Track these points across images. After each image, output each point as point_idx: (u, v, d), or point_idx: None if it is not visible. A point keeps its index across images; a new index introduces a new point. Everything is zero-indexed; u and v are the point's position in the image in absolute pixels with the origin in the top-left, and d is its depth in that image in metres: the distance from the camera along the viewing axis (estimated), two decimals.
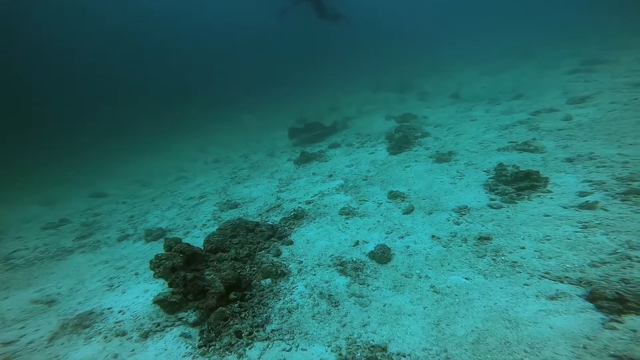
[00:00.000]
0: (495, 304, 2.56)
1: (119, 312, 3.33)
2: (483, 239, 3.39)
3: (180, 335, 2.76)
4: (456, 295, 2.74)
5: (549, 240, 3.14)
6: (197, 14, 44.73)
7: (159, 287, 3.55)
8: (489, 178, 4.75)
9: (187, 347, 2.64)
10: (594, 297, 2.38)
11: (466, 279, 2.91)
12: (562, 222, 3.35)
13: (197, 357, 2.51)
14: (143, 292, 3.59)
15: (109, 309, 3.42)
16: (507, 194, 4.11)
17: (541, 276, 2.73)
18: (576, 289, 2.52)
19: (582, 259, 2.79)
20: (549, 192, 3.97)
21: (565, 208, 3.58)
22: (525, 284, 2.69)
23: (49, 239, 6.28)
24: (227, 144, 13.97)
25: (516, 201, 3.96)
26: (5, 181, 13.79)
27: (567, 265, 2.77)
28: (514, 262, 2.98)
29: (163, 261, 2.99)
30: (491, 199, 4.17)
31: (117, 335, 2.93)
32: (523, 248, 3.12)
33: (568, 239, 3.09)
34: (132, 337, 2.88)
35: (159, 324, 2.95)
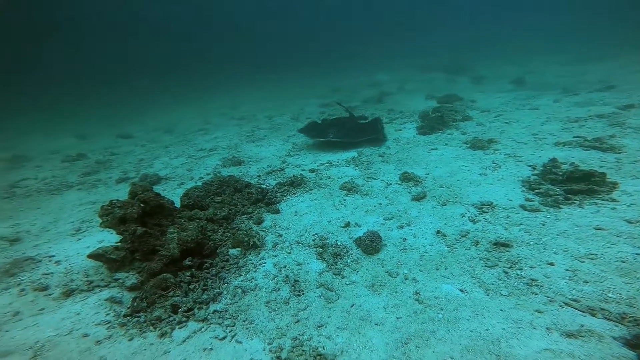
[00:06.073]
0: (487, 330, 1.91)
1: (56, 262, 3.07)
2: (500, 245, 2.65)
3: (107, 299, 2.44)
4: (441, 309, 2.12)
5: (592, 259, 2.35)
6: None
7: (118, 238, 3.27)
8: (533, 174, 3.82)
9: (107, 314, 2.31)
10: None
11: (461, 290, 2.26)
12: (620, 239, 2.49)
13: (114, 327, 2.18)
14: (97, 242, 3.31)
15: (50, 257, 3.18)
16: (552, 196, 3.22)
17: (564, 303, 2.02)
18: (613, 327, 1.80)
19: (636, 290, 2.02)
20: (613, 200, 3.02)
21: (630, 223, 2.67)
22: (537, 310, 2.00)
23: (59, 172, 6.46)
24: (259, 103, 13.62)
25: (561, 206, 3.08)
26: (64, 114, 14.82)
27: (610, 295, 2.02)
28: (532, 279, 2.26)
29: (115, 209, 2.67)
30: (527, 199, 3.30)
31: (35, 290, 2.65)
32: (551, 264, 2.37)
33: (622, 261, 2.27)
34: (51, 294, 2.59)
35: (91, 283, 2.65)
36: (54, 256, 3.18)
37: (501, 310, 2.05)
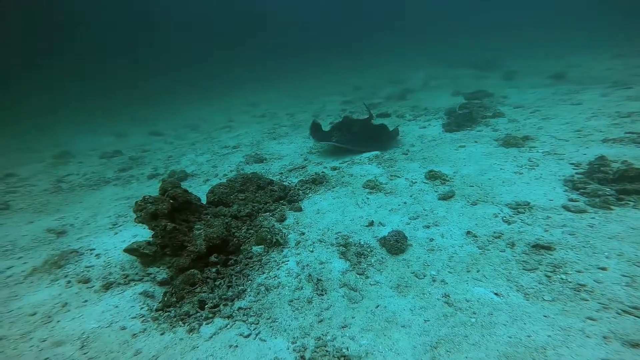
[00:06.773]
0: (529, 337, 1.77)
1: (96, 255, 3.21)
2: (540, 247, 2.46)
3: (141, 293, 2.52)
4: (474, 313, 2.00)
5: None
6: None
7: (150, 233, 3.39)
8: (576, 173, 3.53)
9: (142, 307, 2.39)
10: None
11: (496, 294, 2.12)
12: None
13: (148, 321, 2.25)
14: (132, 237, 3.44)
15: (91, 250, 3.32)
16: (601, 196, 2.95)
17: (623, 310, 1.84)
18: None
19: None
20: None
21: None
22: (589, 318, 1.83)
23: (98, 168, 6.83)
24: (280, 101, 13.74)
25: (612, 207, 2.82)
26: (105, 115, 15.69)
27: None
28: (580, 284, 2.08)
29: (148, 205, 2.76)
30: (571, 200, 3.06)
31: (79, 282, 2.78)
32: (604, 269, 2.18)
33: None
34: (93, 287, 2.70)
35: (127, 276, 2.76)
36: (94, 249, 3.35)
37: (545, 316, 1.90)
